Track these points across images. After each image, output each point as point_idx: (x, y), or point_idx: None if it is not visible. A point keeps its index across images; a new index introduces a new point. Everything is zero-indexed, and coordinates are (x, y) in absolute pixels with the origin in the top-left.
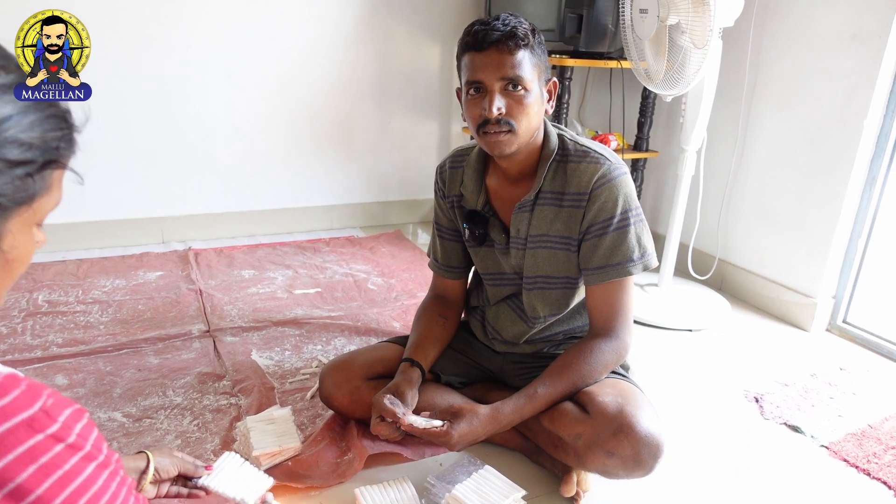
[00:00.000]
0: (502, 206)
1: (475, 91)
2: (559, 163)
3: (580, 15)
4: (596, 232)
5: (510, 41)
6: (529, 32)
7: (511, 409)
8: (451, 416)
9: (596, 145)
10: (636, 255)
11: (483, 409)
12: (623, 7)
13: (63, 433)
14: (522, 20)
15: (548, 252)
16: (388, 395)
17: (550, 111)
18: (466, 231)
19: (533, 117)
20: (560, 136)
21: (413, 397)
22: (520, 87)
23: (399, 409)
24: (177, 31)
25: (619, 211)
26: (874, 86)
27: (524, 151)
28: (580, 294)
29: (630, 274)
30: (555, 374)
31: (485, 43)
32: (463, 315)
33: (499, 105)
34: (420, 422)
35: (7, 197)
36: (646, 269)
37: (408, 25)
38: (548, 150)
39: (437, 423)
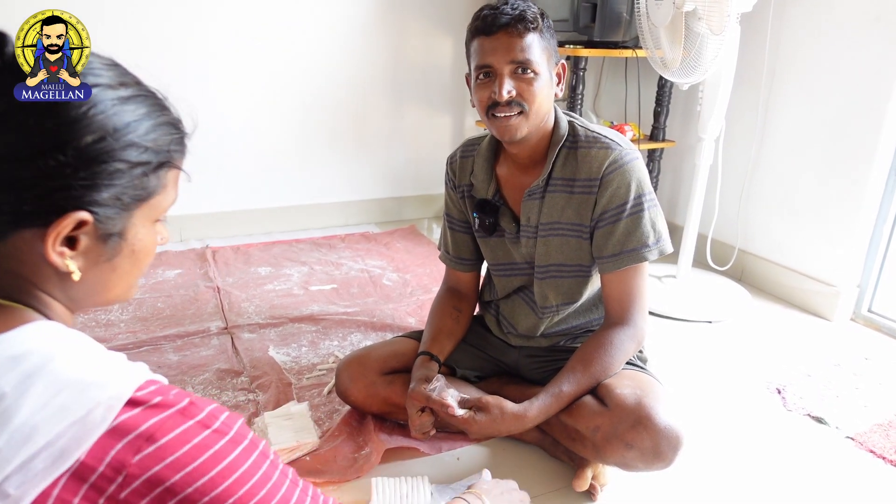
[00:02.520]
0: (512, 195)
1: (485, 76)
2: (569, 149)
3: (594, 4)
4: (609, 219)
5: (519, 24)
6: (538, 16)
7: (537, 410)
8: (477, 408)
9: (607, 131)
10: (651, 240)
11: (510, 409)
12: None
13: (209, 421)
14: (531, 4)
15: (560, 240)
16: (433, 384)
17: (560, 94)
18: (476, 220)
19: (543, 100)
20: (570, 123)
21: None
22: (529, 71)
23: (438, 392)
24: (192, 31)
25: (632, 196)
26: None
27: (534, 137)
28: (594, 284)
29: (645, 259)
30: (577, 369)
31: (494, 26)
32: (478, 310)
33: (508, 88)
34: (459, 411)
35: (128, 194)
36: (661, 254)
37: (419, 19)
38: (557, 136)
39: (462, 411)
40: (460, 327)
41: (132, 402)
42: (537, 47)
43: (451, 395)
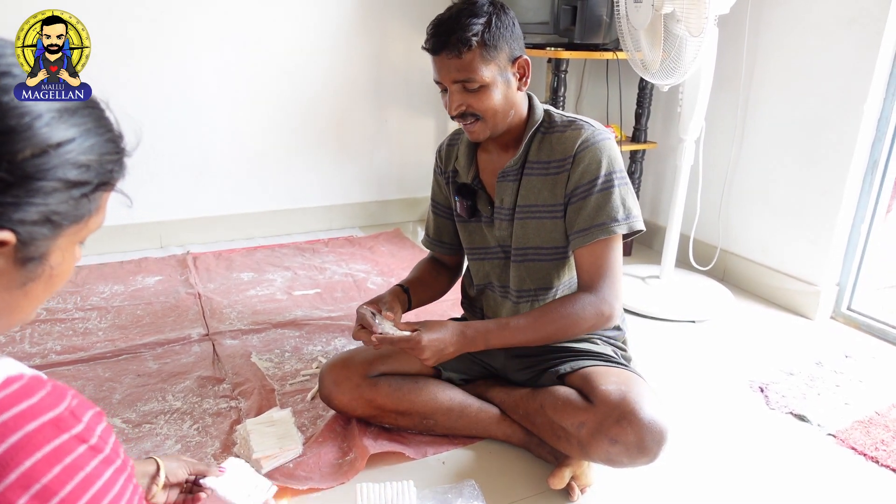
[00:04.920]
0: (489, 179)
1: (441, 87)
2: (545, 134)
3: (574, 7)
4: (581, 194)
5: (458, 46)
6: (481, 28)
7: (479, 327)
8: (421, 326)
9: (582, 117)
10: (621, 215)
11: (451, 323)
12: None
13: (86, 434)
14: (477, 11)
15: (536, 222)
16: (368, 308)
17: (524, 88)
18: (458, 204)
19: (499, 105)
20: (547, 111)
21: (395, 308)
22: (475, 84)
23: (375, 320)
24: (172, 35)
25: (602, 172)
26: (873, 69)
27: (503, 129)
28: (570, 269)
29: (614, 233)
30: (532, 314)
31: (435, 48)
32: (462, 313)
33: (458, 103)
34: (390, 331)
35: (61, 215)
36: (630, 230)
37: (400, 21)
38: (532, 121)
39: (408, 333)
40: (438, 284)
41: None
42: (479, 62)
43: (389, 326)
